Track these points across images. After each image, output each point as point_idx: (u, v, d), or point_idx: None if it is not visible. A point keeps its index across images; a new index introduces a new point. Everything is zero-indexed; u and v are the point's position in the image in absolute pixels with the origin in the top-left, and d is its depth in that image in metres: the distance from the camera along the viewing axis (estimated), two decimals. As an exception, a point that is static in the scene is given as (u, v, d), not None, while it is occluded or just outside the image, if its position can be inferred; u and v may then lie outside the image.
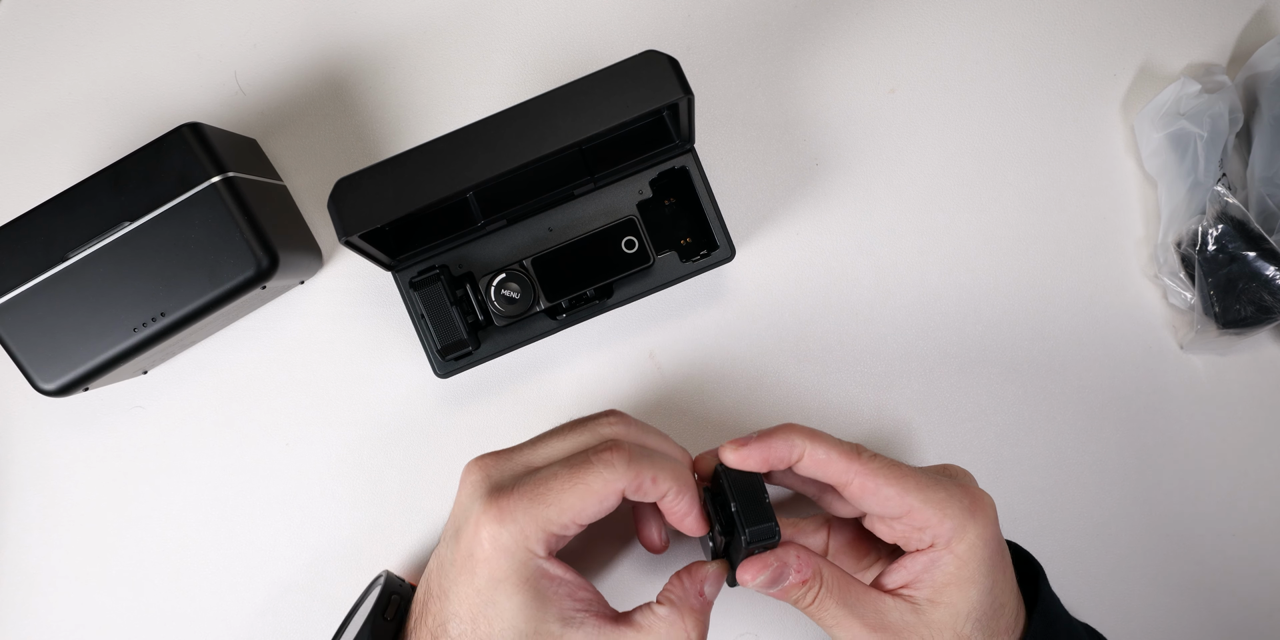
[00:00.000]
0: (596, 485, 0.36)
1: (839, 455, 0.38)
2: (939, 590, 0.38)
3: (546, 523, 0.36)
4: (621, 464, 0.37)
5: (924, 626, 0.38)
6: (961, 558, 0.38)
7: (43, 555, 0.50)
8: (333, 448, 0.50)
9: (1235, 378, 0.51)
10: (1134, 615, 0.45)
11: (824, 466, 0.38)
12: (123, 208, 0.44)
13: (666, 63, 0.38)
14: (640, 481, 0.37)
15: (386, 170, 0.40)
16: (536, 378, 0.50)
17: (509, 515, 0.36)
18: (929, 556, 0.38)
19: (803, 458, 0.38)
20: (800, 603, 0.39)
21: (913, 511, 0.38)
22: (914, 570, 0.39)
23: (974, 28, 0.52)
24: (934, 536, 0.38)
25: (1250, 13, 0.52)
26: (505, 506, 0.36)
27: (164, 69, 0.52)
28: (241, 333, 0.51)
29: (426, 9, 0.52)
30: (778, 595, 0.39)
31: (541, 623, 0.36)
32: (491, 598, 0.37)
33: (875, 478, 0.38)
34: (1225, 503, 0.50)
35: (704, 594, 0.39)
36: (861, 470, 0.38)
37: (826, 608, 0.38)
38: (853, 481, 0.38)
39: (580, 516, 0.37)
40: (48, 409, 0.51)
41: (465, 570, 0.37)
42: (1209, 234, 0.48)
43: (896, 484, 0.38)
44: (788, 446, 0.38)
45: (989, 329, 0.51)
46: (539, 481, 0.37)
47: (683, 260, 0.47)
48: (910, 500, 0.38)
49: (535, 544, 0.36)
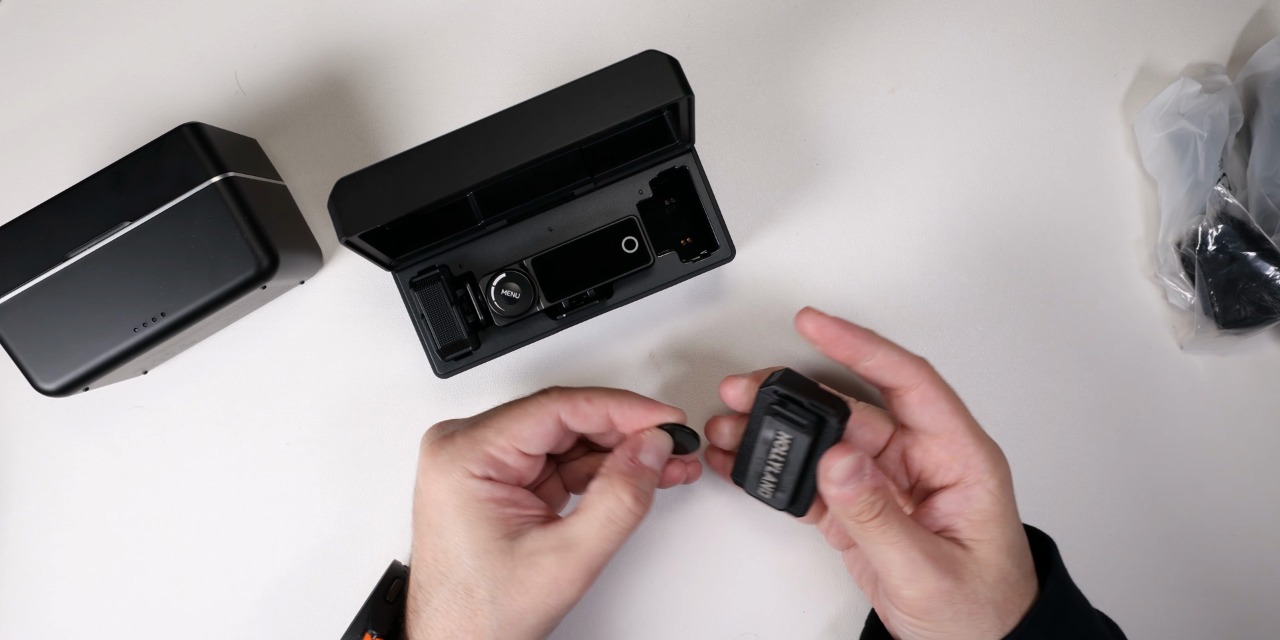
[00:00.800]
0: (531, 408, 0.40)
1: (909, 361, 0.39)
2: (979, 527, 0.38)
3: (482, 441, 0.39)
4: (555, 392, 0.41)
5: (973, 563, 0.38)
6: (995, 493, 0.38)
7: (43, 555, 0.50)
8: (332, 447, 0.50)
9: (1235, 378, 0.51)
10: (1134, 615, 0.45)
11: (896, 367, 0.39)
12: (123, 208, 0.44)
13: (666, 63, 0.38)
14: (574, 402, 0.40)
15: (386, 170, 0.40)
16: (536, 378, 0.50)
17: (447, 443, 0.39)
18: (961, 493, 0.39)
19: (876, 354, 0.38)
20: (863, 516, 0.37)
21: (955, 434, 0.39)
22: (947, 510, 0.39)
23: (974, 28, 0.52)
24: (965, 468, 0.39)
25: (1250, 13, 0.52)
26: (444, 439, 0.40)
27: (164, 69, 0.52)
28: (241, 333, 0.51)
29: (426, 9, 0.52)
30: (846, 498, 0.37)
31: (490, 541, 0.38)
32: (440, 527, 0.38)
33: (938, 387, 0.39)
34: (1225, 503, 0.50)
35: (636, 460, 0.40)
36: (928, 379, 0.39)
37: (890, 526, 0.37)
38: (918, 387, 0.39)
39: (516, 436, 0.39)
40: (48, 409, 0.51)
41: (419, 510, 0.40)
42: (1209, 234, 0.48)
43: (951, 403, 0.39)
44: (867, 336, 0.39)
45: (989, 329, 0.51)
46: (477, 417, 0.41)
47: (683, 260, 0.47)
48: (959, 421, 0.39)
49: (471, 463, 0.38)
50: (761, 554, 0.49)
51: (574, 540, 0.38)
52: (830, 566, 0.49)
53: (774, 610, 0.49)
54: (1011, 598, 0.38)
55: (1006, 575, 0.38)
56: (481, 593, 0.38)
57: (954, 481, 0.39)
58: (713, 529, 0.49)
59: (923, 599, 0.37)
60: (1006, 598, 0.38)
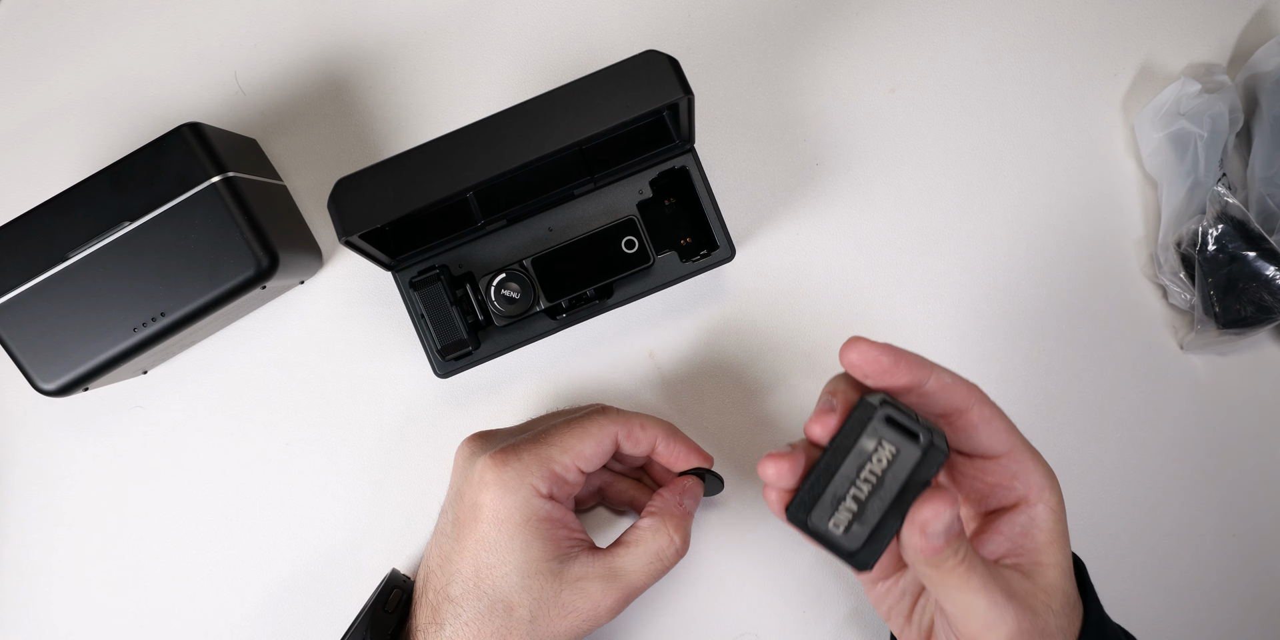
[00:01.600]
0: (593, 429, 0.41)
1: (961, 382, 0.37)
2: (1043, 551, 0.36)
3: (549, 460, 0.39)
4: (613, 412, 0.42)
5: (1041, 591, 0.35)
6: (1056, 511, 0.37)
7: (43, 555, 0.50)
8: (333, 448, 0.50)
9: (1235, 378, 0.51)
10: (1133, 615, 0.45)
11: (950, 390, 0.36)
12: (123, 208, 0.44)
13: (666, 63, 0.38)
14: (630, 427, 0.42)
15: (386, 170, 0.40)
16: (536, 378, 0.50)
17: (513, 457, 0.39)
18: (1025, 515, 0.37)
19: (930, 378, 0.35)
20: (944, 564, 0.32)
21: (1014, 452, 0.37)
22: (1012, 534, 0.37)
23: (974, 28, 0.52)
24: (1026, 487, 0.37)
25: (1250, 13, 0.52)
26: (509, 452, 0.40)
27: (164, 69, 0.52)
28: (241, 333, 0.51)
29: (426, 9, 0.52)
30: (934, 549, 0.31)
31: (542, 562, 0.39)
32: (495, 542, 0.39)
33: (992, 407, 0.37)
34: (1225, 503, 0.50)
35: (683, 505, 0.43)
36: (981, 399, 0.37)
37: (974, 570, 0.33)
38: (973, 408, 0.36)
39: (580, 456, 0.40)
40: (48, 409, 0.51)
41: (469, 523, 0.39)
42: (1209, 234, 0.48)
43: (1006, 421, 0.37)
44: (919, 361, 0.35)
45: (988, 329, 0.51)
46: (538, 434, 0.41)
47: (683, 260, 0.47)
48: (1016, 439, 0.37)
49: (538, 480, 0.39)
50: (762, 553, 0.49)
51: (621, 571, 0.40)
52: (830, 566, 0.49)
53: (774, 610, 0.49)
54: (1074, 620, 0.36)
55: (1069, 599, 0.36)
56: (523, 612, 0.38)
57: (1015, 502, 0.37)
58: (713, 529, 0.49)
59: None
60: (1071, 622, 0.36)
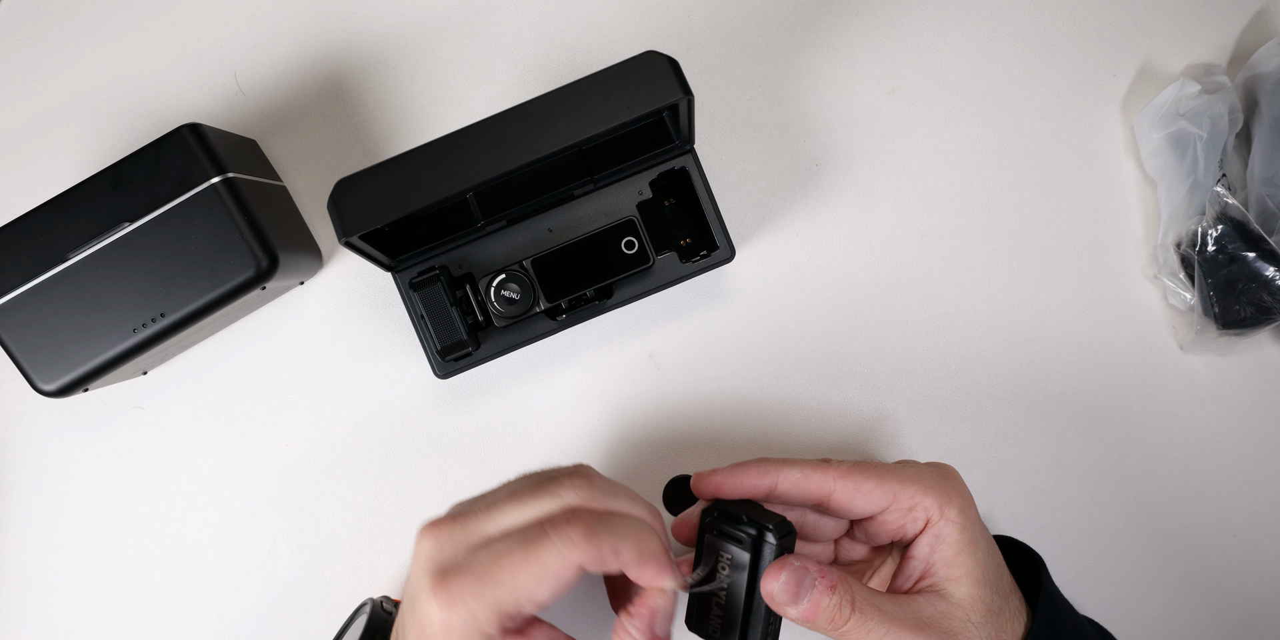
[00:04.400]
0: (552, 563, 0.34)
1: (811, 470, 0.39)
2: (951, 564, 0.38)
3: (498, 603, 0.34)
4: (580, 537, 0.34)
5: (957, 608, 0.37)
6: (958, 522, 0.38)
7: (43, 555, 0.50)
8: (333, 448, 0.50)
9: (1235, 378, 0.51)
10: (1133, 615, 0.45)
11: (802, 484, 0.39)
12: (122, 208, 0.44)
13: (666, 63, 0.38)
14: (600, 555, 0.35)
15: (386, 171, 0.40)
16: (536, 378, 0.50)
17: (458, 598, 0.34)
18: (930, 535, 0.39)
19: (777, 483, 0.38)
20: (836, 621, 0.36)
21: (897, 495, 0.38)
22: (922, 555, 0.39)
23: (974, 28, 0.52)
24: (926, 512, 0.38)
25: (1250, 13, 0.52)
26: (454, 588, 0.34)
27: (164, 69, 0.52)
28: (241, 333, 0.51)
29: (426, 9, 0.52)
30: (807, 614, 0.35)
31: None
32: None
33: (852, 477, 0.39)
34: (1225, 503, 0.50)
35: (655, 634, 0.37)
36: (837, 474, 0.39)
37: (870, 620, 0.36)
38: (835, 489, 0.38)
39: (535, 596, 0.34)
40: (48, 409, 0.51)
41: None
42: (1209, 234, 0.48)
43: (872, 476, 0.39)
44: (760, 472, 0.38)
45: (989, 329, 0.51)
46: (490, 560, 0.35)
47: (683, 261, 0.47)
48: (890, 485, 0.38)
49: (487, 625, 0.34)
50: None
51: None
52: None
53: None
54: (1002, 626, 0.38)
55: (990, 606, 0.37)
56: None
57: (923, 528, 0.39)
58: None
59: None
60: (999, 629, 0.37)
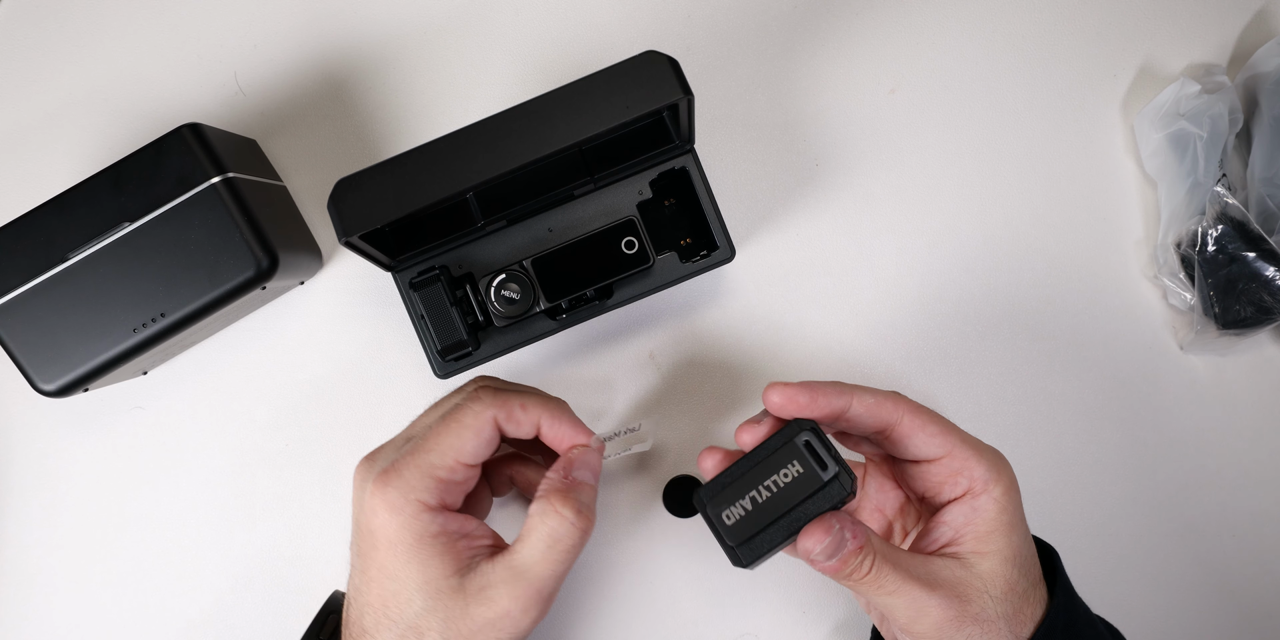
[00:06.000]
0: (468, 419, 0.38)
1: (885, 398, 0.39)
2: (983, 539, 0.38)
3: (431, 468, 0.37)
4: (488, 396, 0.39)
5: (976, 579, 0.37)
6: (1000, 501, 0.38)
7: (43, 555, 0.50)
8: (332, 448, 0.50)
9: (1235, 378, 0.51)
10: (1134, 615, 0.45)
11: (874, 409, 0.38)
12: (122, 208, 0.44)
13: (666, 63, 0.38)
14: (510, 409, 0.39)
15: (386, 170, 0.40)
16: (536, 378, 0.50)
17: (394, 476, 0.37)
18: (968, 505, 0.38)
19: (851, 404, 0.38)
20: (855, 574, 0.36)
21: (954, 451, 0.38)
22: (955, 524, 0.38)
23: (974, 28, 0.52)
24: (971, 480, 0.38)
25: (1250, 13, 0.52)
26: (390, 472, 0.38)
27: (164, 69, 0.52)
28: (241, 333, 0.51)
29: (426, 9, 0.52)
30: (832, 569, 0.36)
31: (442, 580, 0.37)
32: (394, 569, 0.37)
33: (921, 415, 0.39)
34: (1225, 503, 0.50)
35: (571, 477, 0.39)
36: (909, 408, 0.39)
37: (884, 576, 0.36)
38: (902, 420, 0.38)
39: (461, 453, 0.38)
40: (48, 409, 0.51)
41: (369, 552, 0.38)
42: (1209, 234, 0.48)
43: (940, 422, 0.39)
44: (836, 390, 0.38)
45: (989, 329, 0.51)
46: (416, 442, 0.38)
47: (683, 260, 0.47)
48: (952, 439, 0.39)
49: (424, 493, 0.37)
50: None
51: (522, 568, 0.37)
52: (830, 567, 0.49)
53: (773, 610, 0.49)
54: (1022, 608, 0.37)
55: (1014, 586, 0.37)
56: (433, 635, 0.37)
57: (960, 494, 0.39)
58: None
59: (933, 630, 0.36)
60: (1017, 609, 0.37)
